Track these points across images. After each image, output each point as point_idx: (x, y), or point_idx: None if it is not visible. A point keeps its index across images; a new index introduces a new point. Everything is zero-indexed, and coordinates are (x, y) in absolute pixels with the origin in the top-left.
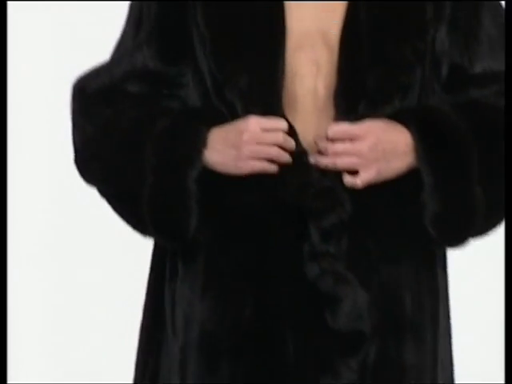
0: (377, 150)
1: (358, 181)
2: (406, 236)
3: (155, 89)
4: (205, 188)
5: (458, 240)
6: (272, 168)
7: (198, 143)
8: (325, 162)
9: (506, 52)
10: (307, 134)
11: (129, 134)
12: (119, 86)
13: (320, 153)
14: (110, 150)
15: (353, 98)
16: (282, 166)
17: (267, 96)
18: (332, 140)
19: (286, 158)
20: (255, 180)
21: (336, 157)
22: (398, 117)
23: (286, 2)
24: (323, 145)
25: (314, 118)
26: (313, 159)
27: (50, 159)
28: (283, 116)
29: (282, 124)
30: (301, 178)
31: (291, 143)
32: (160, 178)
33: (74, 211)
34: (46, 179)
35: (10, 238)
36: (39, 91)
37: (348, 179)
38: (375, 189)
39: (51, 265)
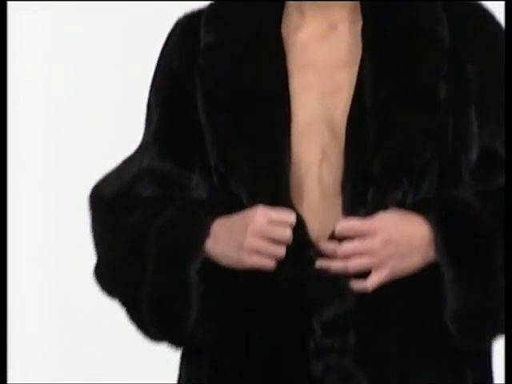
0: (390, 246)
1: (368, 284)
2: (424, 331)
3: (167, 190)
4: (206, 279)
5: (483, 339)
6: (272, 266)
7: (201, 233)
8: (334, 266)
9: (505, 54)
10: (314, 222)
11: (135, 233)
12: (131, 189)
13: (326, 255)
14: (119, 253)
15: (361, 185)
16: (286, 259)
17: (274, 185)
18: (340, 239)
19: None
20: (257, 271)
21: (346, 259)
22: (416, 207)
23: (292, 88)
24: (331, 247)
25: (321, 206)
26: (320, 264)
27: (50, 159)
28: (291, 205)
29: (290, 217)
30: (302, 270)
31: (291, 239)
32: (160, 267)
33: (75, 211)
34: (47, 179)
35: (10, 237)
36: (39, 91)
37: (357, 285)
38: None
39: (51, 264)
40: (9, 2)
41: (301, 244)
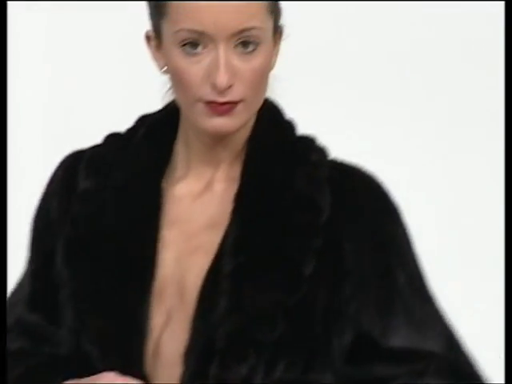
0: None
1: None
2: None
3: (37, 345)
4: None
5: None
6: None
7: None
8: None
9: (505, 57)
10: None
11: None
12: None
13: None
14: None
15: (204, 357)
16: None
17: (124, 349)
18: None
19: None
20: None
21: None
22: None
23: (159, 244)
24: None
25: (157, 377)
26: None
27: (50, 161)
28: (141, 372)
29: None
30: None
31: None
32: None
33: None
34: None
35: (11, 237)
36: (39, 91)
37: None
38: None
39: None
40: (9, 2)
41: None
